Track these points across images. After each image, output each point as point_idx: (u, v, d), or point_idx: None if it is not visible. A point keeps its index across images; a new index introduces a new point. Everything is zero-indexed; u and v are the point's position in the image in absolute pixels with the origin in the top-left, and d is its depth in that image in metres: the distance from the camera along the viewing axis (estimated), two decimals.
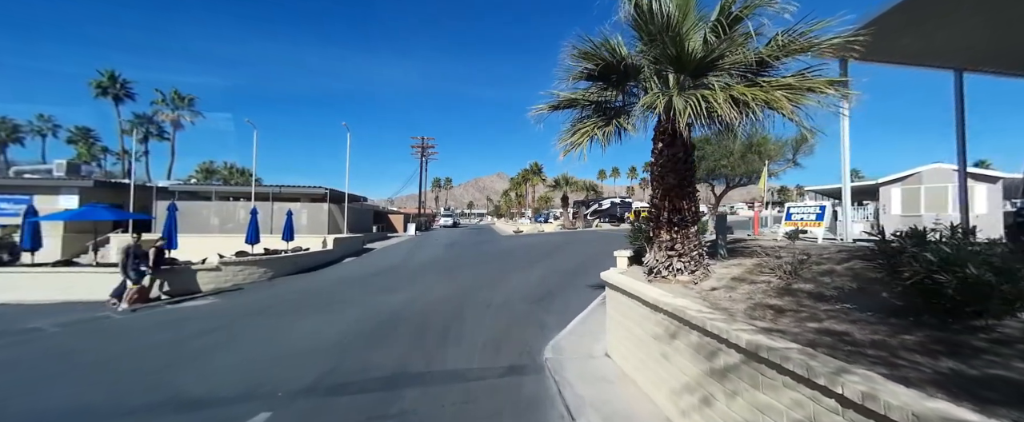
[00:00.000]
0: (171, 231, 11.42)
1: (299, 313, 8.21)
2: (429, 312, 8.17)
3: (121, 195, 21.65)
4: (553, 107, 5.85)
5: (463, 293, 9.92)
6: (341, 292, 10.45)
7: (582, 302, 8.79)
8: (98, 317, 8.01)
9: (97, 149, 43.16)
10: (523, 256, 17.06)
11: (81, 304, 9.29)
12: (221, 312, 8.43)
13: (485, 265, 14.69)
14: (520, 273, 12.63)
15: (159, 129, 37.01)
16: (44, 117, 42.38)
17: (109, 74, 32.53)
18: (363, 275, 13.12)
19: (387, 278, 12.48)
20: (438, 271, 13.56)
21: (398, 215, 46.76)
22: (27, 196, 20.83)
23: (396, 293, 10.01)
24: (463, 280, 11.72)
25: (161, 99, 34.98)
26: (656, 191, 5.45)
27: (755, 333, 2.80)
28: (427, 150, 53.62)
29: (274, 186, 22.69)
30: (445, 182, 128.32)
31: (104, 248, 20.07)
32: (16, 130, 38.69)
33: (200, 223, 21.70)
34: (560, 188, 33.38)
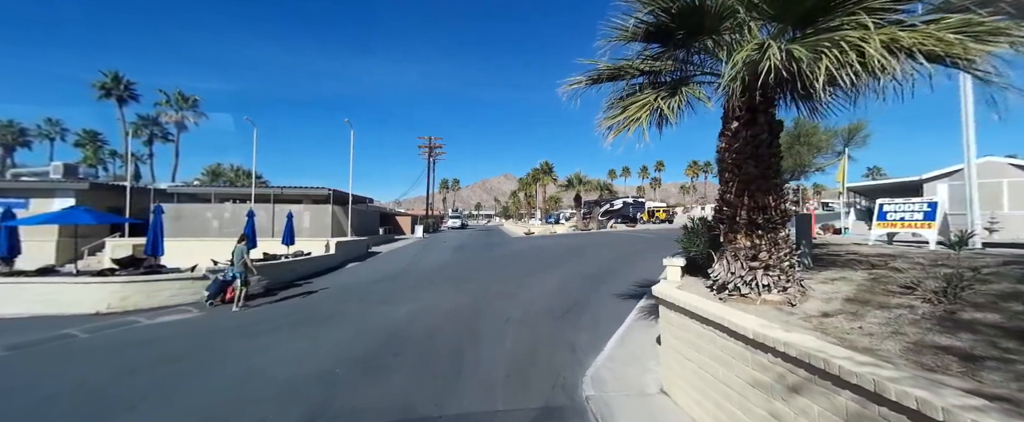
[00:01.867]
0: (156, 236, 10.46)
1: (288, 330, 7.13)
2: (438, 329, 7.03)
3: (120, 198, 20.93)
4: (592, 80, 4.68)
5: (476, 304, 8.77)
6: (339, 303, 9.37)
7: (614, 316, 7.61)
8: (61, 337, 7.00)
9: (105, 152, 43.01)
10: (538, 260, 15.88)
11: (58, 318, 8.31)
12: (198, 330, 7.39)
13: (498, 271, 13.54)
14: (538, 280, 11.46)
15: (163, 131, 36.57)
16: (52, 121, 42.26)
17: (112, 75, 32.09)
18: (365, 282, 12.05)
19: (391, 286, 11.38)
20: (448, 278, 12.43)
21: (405, 217, 45.88)
22: (23, 199, 20.24)
23: (401, 304, 8.90)
24: (476, 288, 10.58)
25: (165, 100, 34.50)
26: (728, 184, 4.25)
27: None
28: (434, 150, 52.64)
29: (276, 187, 21.81)
30: (453, 183, 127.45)
31: (100, 253, 19.37)
32: (23, 133, 38.53)
33: (200, 226, 20.88)
34: (572, 188, 32.06)
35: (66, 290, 8.69)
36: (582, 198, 33.30)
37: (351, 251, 18.15)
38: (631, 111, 3.97)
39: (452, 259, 17.50)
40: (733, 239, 4.24)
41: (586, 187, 32.20)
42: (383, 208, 43.43)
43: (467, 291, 10.24)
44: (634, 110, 3.96)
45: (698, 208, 66.61)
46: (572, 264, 14.30)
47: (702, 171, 70.59)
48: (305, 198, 22.97)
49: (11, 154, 37.75)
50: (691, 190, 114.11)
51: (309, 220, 21.37)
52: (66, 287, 8.71)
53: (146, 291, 9.10)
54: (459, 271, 13.79)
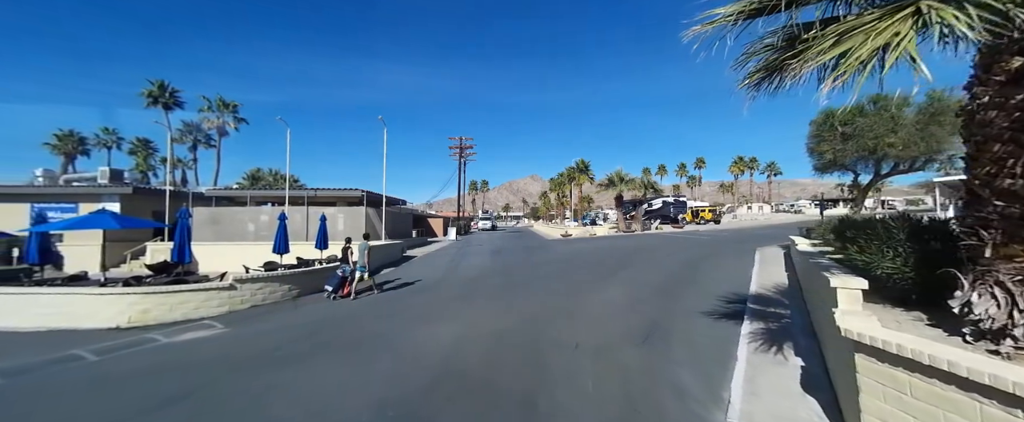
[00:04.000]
0: (182, 242, 9.70)
1: (314, 359, 5.93)
2: (497, 360, 5.62)
3: (161, 201, 21.11)
4: (748, 12, 3.09)
5: (534, 325, 7.31)
6: (374, 321, 8.16)
7: (715, 344, 5.95)
8: (66, 359, 6.13)
9: (155, 159, 45.09)
10: (588, 267, 14.25)
11: (72, 334, 7.61)
12: (214, 355, 6.32)
13: (547, 280, 12.03)
14: (597, 292, 9.86)
15: (206, 137, 37.64)
16: (108, 130, 44.70)
17: (159, 84, 33.21)
18: (401, 294, 10.87)
19: (431, 298, 10.11)
20: (493, 288, 11.05)
21: (437, 219, 45.32)
22: (73, 204, 20.76)
23: (445, 323, 7.58)
24: (528, 303, 9.13)
25: (207, 106, 35.45)
26: (1000, 164, 2.56)
27: None
28: (465, 151, 51.82)
29: (310, 189, 21.32)
30: (481, 185, 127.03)
31: (142, 257, 19.48)
32: (82, 142, 40.84)
33: (237, 230, 20.70)
34: (613, 187, 29.96)
35: (84, 302, 7.97)
36: (623, 198, 31.13)
37: (386, 256, 17.20)
38: (853, 44, 2.35)
39: (492, 265, 16.15)
40: (1008, 254, 2.54)
41: (628, 186, 30.03)
42: (415, 210, 42.99)
43: (519, 306, 8.80)
44: (858, 42, 2.34)
45: (743, 207, 62.30)
46: (630, 272, 12.57)
47: (747, 168, 65.90)
48: (339, 200, 22.42)
49: (72, 162, 40.08)
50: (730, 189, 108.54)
51: (343, 223, 20.71)
52: (85, 298, 7.99)
53: (168, 303, 8.26)
54: (503, 280, 12.39)
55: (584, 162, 40.52)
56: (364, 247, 10.29)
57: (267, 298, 9.62)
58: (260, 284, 9.49)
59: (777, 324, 6.71)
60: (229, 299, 8.95)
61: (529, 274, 13.29)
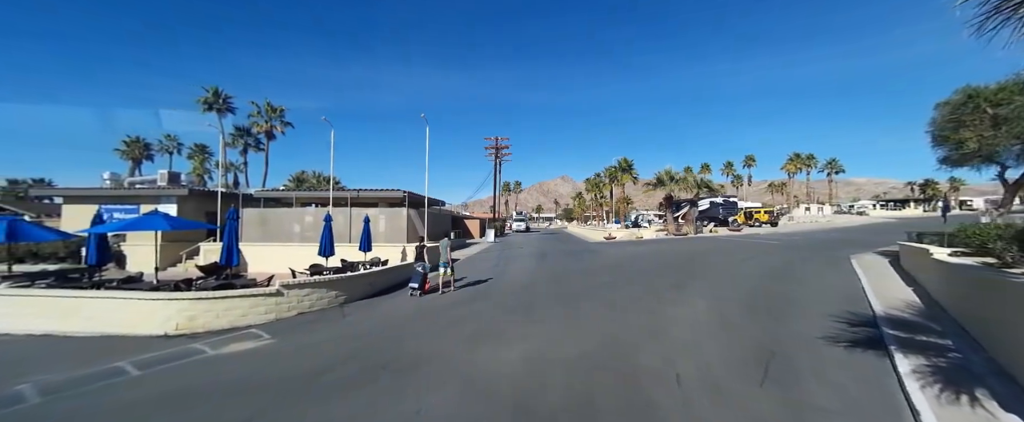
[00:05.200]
0: (230, 244, 9.34)
1: (368, 387, 5.08)
2: (584, 395, 4.55)
3: (214, 202, 21.74)
4: None
5: (615, 346, 6.17)
6: (429, 336, 7.29)
7: (864, 381, 4.67)
8: (109, 373, 5.67)
9: (211, 162, 47.73)
10: (650, 275, 12.86)
11: (120, 341, 7.31)
12: (258, 377, 5.64)
13: (610, 290, 10.80)
14: (675, 307, 8.54)
15: (256, 140, 39.14)
16: (170, 137, 47.77)
17: (213, 90, 34.81)
18: (451, 302, 10.01)
19: (486, 309, 9.17)
20: (550, 298, 9.97)
21: (473, 220, 44.83)
22: (135, 206, 21.74)
23: (509, 342, 6.58)
24: (596, 317, 7.98)
25: (256, 111, 36.80)
26: None
27: None
28: (501, 151, 51.13)
29: (352, 190, 21.18)
30: (514, 186, 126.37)
31: (197, 256, 20.04)
32: (147, 148, 43.78)
33: (283, 231, 20.87)
34: (662, 186, 27.93)
35: (134, 307, 7.65)
36: (674, 198, 29.01)
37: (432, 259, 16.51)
38: None
39: (541, 270, 15.06)
40: None
41: (679, 185, 27.90)
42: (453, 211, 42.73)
43: (590, 322, 7.68)
44: None
45: (799, 209, 57.42)
46: (703, 283, 11.09)
47: (804, 165, 60.44)
48: (380, 201, 22.19)
49: (139, 166, 43.05)
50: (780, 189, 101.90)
51: (384, 224, 20.39)
52: (134, 303, 7.67)
53: (215, 310, 7.82)
54: (561, 288, 11.28)
55: (627, 161, 38.26)
56: (445, 245, 11.38)
57: (314, 305, 9.06)
58: (307, 290, 8.94)
59: (945, 359, 5.18)
60: (276, 306, 8.43)
61: (586, 282, 12.09)
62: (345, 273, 11.43)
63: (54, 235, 10.64)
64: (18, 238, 9.77)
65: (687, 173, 29.20)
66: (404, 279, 13.25)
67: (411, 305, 9.81)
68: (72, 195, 21.33)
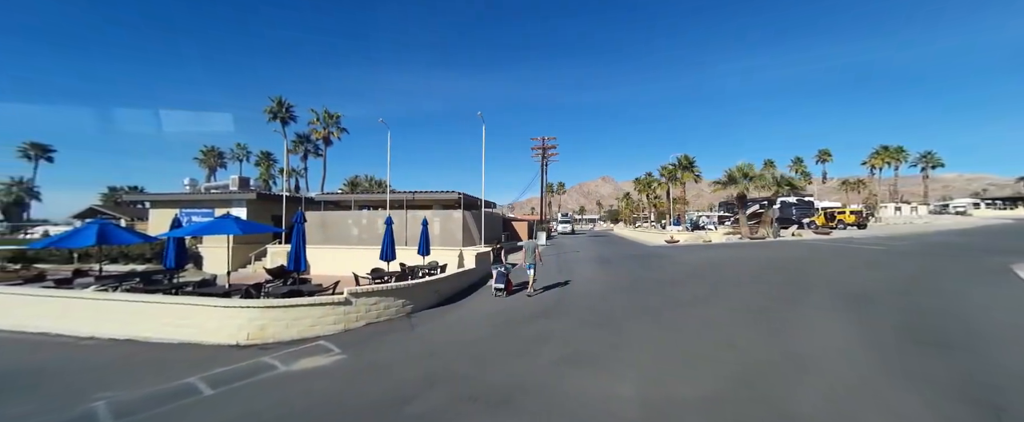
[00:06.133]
0: (298, 249, 8.99)
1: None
2: None
3: (279, 206, 22.57)
4: None
5: (754, 385, 4.85)
6: (513, 357, 6.34)
7: None
8: (181, 392, 5.24)
9: (276, 169, 50.95)
10: (739, 285, 11.16)
11: (194, 349, 7.08)
12: (329, 404, 4.95)
13: (702, 304, 9.34)
14: (803, 329, 6.98)
15: (314, 147, 40.98)
16: (240, 145, 51.61)
17: (277, 100, 36.81)
18: (527, 315, 9.04)
19: (565, 326, 8.10)
20: (636, 312, 8.71)
21: (521, 222, 43.92)
22: (210, 210, 23.06)
23: (607, 372, 5.46)
24: (705, 341, 6.63)
25: (315, 118, 38.47)
26: None
27: None
28: (548, 151, 50.05)
29: (407, 193, 21.01)
30: (557, 187, 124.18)
31: (264, 258, 20.80)
32: (221, 157, 47.44)
33: (342, 234, 21.12)
34: (735, 184, 25.23)
35: (208, 314, 7.42)
36: (747, 197, 26.19)
37: (488, 263, 15.75)
38: None
39: (611, 278, 13.75)
40: None
41: (755, 183, 25.03)
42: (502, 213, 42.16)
43: (696, 345, 6.36)
44: None
45: (890, 208, 50.72)
46: (823, 299, 9.28)
47: (892, 159, 53.14)
48: (434, 203, 21.90)
49: (214, 174, 46.75)
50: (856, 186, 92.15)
51: (439, 227, 19.98)
52: (208, 310, 7.44)
53: (285, 320, 7.40)
54: (641, 300, 9.96)
55: (688, 158, 35.29)
56: (532, 247, 11.19)
57: (381, 314, 8.46)
58: (375, 299, 8.36)
59: None
60: (344, 315, 7.91)
61: (670, 294, 10.64)
62: (407, 279, 10.88)
63: (139, 238, 11.00)
64: (108, 241, 10.12)
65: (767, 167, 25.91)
66: (468, 285, 12.53)
67: (483, 316, 8.95)
68: (157, 200, 23.03)
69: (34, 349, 7.36)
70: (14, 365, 6.55)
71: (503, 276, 11.26)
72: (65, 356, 6.93)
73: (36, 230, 37.45)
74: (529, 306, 9.79)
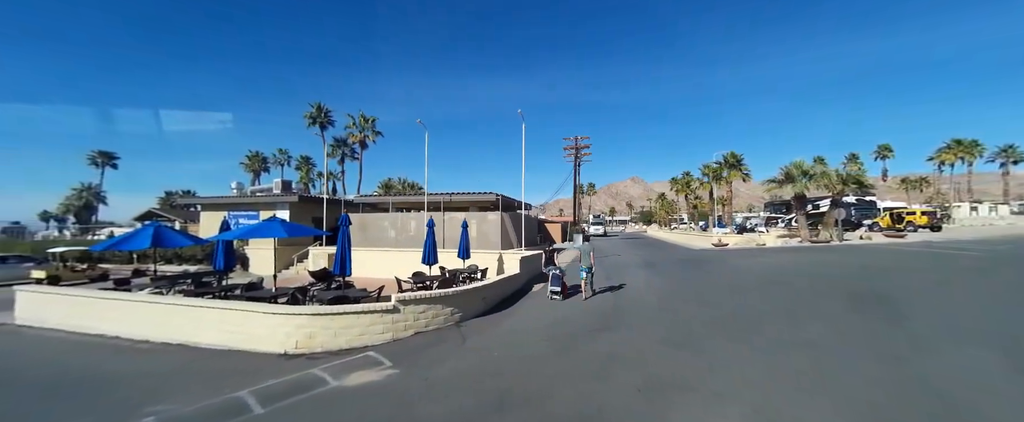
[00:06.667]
0: (343, 252, 8.66)
1: None
2: None
3: (319, 208, 22.88)
4: None
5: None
6: (580, 383, 5.60)
7: None
8: (229, 407, 4.85)
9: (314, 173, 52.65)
10: (816, 295, 9.88)
11: (243, 357, 6.82)
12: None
13: (784, 319, 8.23)
14: (931, 356, 5.81)
15: (351, 150, 41.87)
16: (282, 151, 53.61)
17: (317, 105, 37.86)
18: (589, 327, 8.27)
19: (633, 340, 7.27)
20: (710, 327, 7.74)
21: (555, 224, 42.94)
22: (255, 212, 23.72)
23: (701, 401, 4.60)
24: (809, 367, 5.62)
25: (352, 122, 39.28)
26: None
27: None
28: (580, 151, 48.89)
29: (444, 194, 20.69)
30: (587, 188, 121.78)
31: (306, 260, 21.11)
32: (264, 162, 49.48)
33: (379, 236, 21.09)
34: (793, 183, 23.14)
35: (256, 321, 7.15)
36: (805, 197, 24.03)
37: (531, 268, 15.10)
38: None
39: (665, 284, 12.72)
40: None
41: (816, 182, 22.83)
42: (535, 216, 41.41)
43: (800, 372, 5.37)
44: None
45: (965, 208, 45.76)
46: (938, 317, 7.94)
47: (966, 154, 47.79)
48: (471, 205, 21.49)
49: (258, 177, 48.81)
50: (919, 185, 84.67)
51: (476, 229, 19.50)
52: (257, 316, 7.17)
53: (333, 328, 7.02)
54: (709, 312, 8.94)
55: (735, 155, 33.02)
56: (587, 250, 10.82)
57: (429, 323, 7.96)
58: (423, 307, 7.87)
59: None
60: (392, 324, 7.45)
61: (739, 304, 9.56)
62: (451, 285, 10.36)
63: (190, 241, 11.12)
64: (162, 243, 10.24)
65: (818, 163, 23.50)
66: (513, 292, 11.90)
67: (538, 327, 8.26)
68: (207, 203, 23.95)
69: (93, 352, 7.35)
70: (74, 369, 6.50)
71: (558, 279, 10.94)
72: (121, 362, 6.84)
73: (103, 231, 40.36)
74: (586, 317, 9.00)
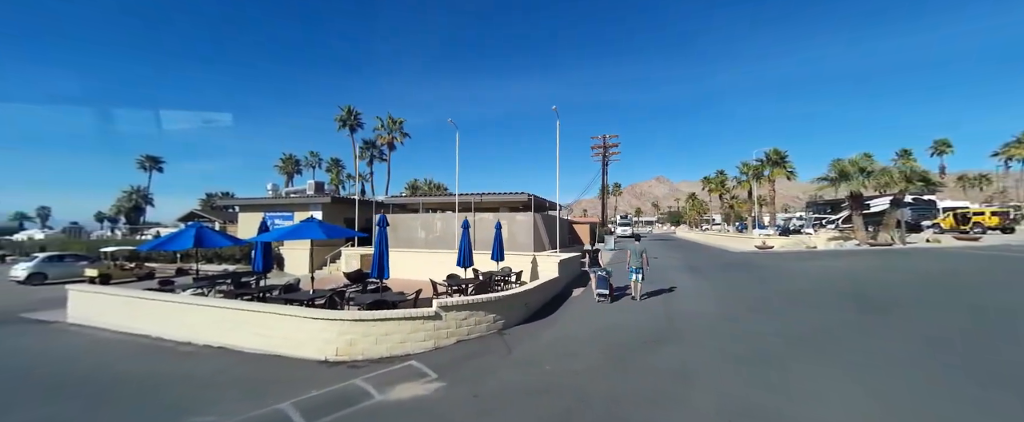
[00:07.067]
0: (381, 255, 8.33)
1: None
2: None
3: (350, 209, 23.05)
4: None
5: None
6: (646, 404, 4.99)
7: None
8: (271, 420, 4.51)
9: (343, 175, 53.80)
10: (903, 307, 8.77)
11: (282, 364, 6.56)
12: None
13: (879, 337, 7.26)
14: None
15: (380, 152, 42.38)
16: (313, 153, 55.14)
17: (347, 108, 38.48)
18: (638, 337, 7.61)
19: (699, 357, 6.56)
20: (787, 344, 6.91)
21: (583, 225, 42.00)
22: (290, 213, 24.15)
23: None
24: (912, 388, 4.75)
25: (380, 124, 39.71)
26: None
27: None
28: (609, 150, 47.70)
29: (474, 194, 20.32)
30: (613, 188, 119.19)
31: (338, 260, 21.25)
32: (297, 164, 50.97)
33: (409, 237, 20.97)
34: (847, 180, 21.26)
35: (295, 325, 6.89)
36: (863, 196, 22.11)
37: (570, 271, 14.47)
38: None
39: (718, 291, 11.81)
40: None
41: (875, 180, 20.88)
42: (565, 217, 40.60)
43: (928, 403, 4.52)
44: None
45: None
46: None
47: None
48: (501, 205, 21.04)
49: (291, 179, 50.31)
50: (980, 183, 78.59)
51: (507, 230, 19.02)
52: (296, 320, 6.90)
53: (374, 335, 6.66)
54: (781, 324, 8.07)
55: (779, 152, 30.90)
56: (638, 250, 10.48)
57: (472, 331, 7.50)
58: (465, 313, 7.42)
59: None
60: (434, 331, 7.04)
61: (812, 314, 8.60)
62: (487, 290, 9.89)
63: (230, 241, 11.16)
64: (203, 244, 10.28)
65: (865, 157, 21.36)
66: (553, 296, 11.31)
67: (588, 337, 7.64)
68: (245, 204, 24.58)
69: (138, 354, 7.30)
70: (120, 373, 6.41)
71: (605, 280, 10.65)
72: (164, 364, 6.73)
73: (149, 232, 42.57)
74: (640, 325, 8.32)
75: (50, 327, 9.34)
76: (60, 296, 10.32)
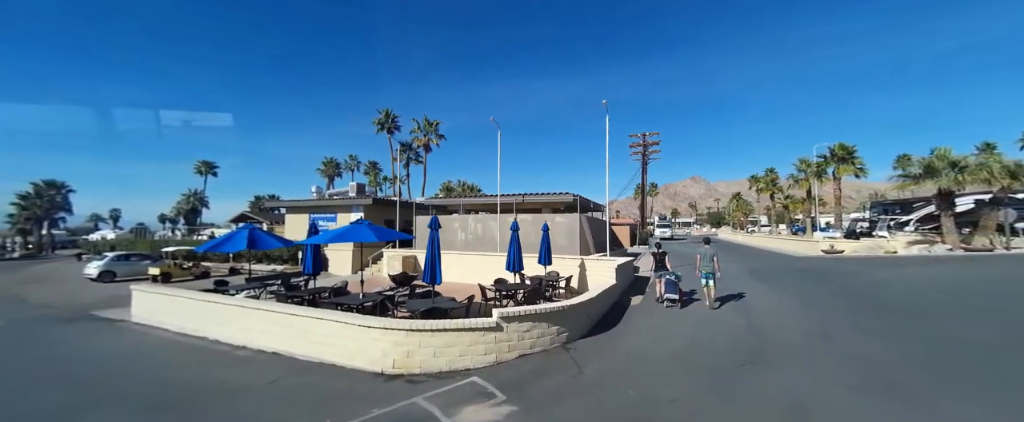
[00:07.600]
0: (433, 259, 7.86)
1: None
2: None
3: (389, 210, 23.14)
4: None
5: None
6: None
7: None
8: None
9: (381, 177, 55.06)
10: None
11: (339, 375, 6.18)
12: None
13: None
14: None
15: (416, 154, 42.85)
16: (353, 157, 56.82)
17: (385, 112, 39.17)
18: (724, 355, 6.67)
19: (812, 383, 5.58)
20: (910, 362, 5.77)
21: (622, 227, 40.45)
22: (333, 214, 24.58)
23: None
24: None
25: (417, 127, 40.12)
26: None
27: None
28: (649, 148, 45.84)
29: (516, 195, 19.73)
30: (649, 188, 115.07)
31: (381, 262, 21.32)
32: (337, 167, 52.62)
33: (449, 239, 20.63)
34: (935, 177, 18.67)
35: (349, 333, 6.51)
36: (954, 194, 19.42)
37: (626, 277, 13.54)
38: None
39: (790, 301, 10.52)
40: None
41: (973, 176, 18.22)
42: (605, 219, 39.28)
43: None
44: None
45: None
46: None
47: None
48: (544, 206, 20.33)
49: (332, 182, 52.03)
50: None
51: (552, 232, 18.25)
52: (350, 329, 6.52)
53: (432, 346, 6.15)
54: (893, 343, 6.86)
55: (846, 147, 27.82)
56: (709, 254, 9.92)
57: (535, 344, 6.84)
58: (527, 325, 6.77)
59: None
60: (495, 344, 6.44)
61: (934, 332, 7.28)
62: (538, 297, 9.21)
63: (280, 243, 11.16)
64: (256, 246, 10.27)
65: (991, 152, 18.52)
66: (611, 305, 10.47)
67: (666, 354, 6.78)
68: (291, 206, 25.29)
69: (196, 358, 7.19)
70: (179, 379, 6.25)
71: (674, 285, 10.21)
72: (221, 370, 6.53)
73: (205, 232, 45.24)
74: (722, 339, 7.35)
75: (115, 325, 9.59)
76: (126, 294, 10.65)
